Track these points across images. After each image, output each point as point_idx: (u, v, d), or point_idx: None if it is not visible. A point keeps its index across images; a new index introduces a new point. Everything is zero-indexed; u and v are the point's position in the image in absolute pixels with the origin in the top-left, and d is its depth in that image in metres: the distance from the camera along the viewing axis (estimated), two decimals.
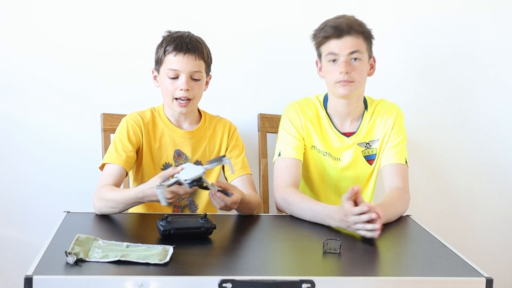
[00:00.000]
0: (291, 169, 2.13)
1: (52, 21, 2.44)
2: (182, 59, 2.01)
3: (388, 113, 2.19)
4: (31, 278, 1.40)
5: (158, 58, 2.07)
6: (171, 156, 2.11)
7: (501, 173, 2.72)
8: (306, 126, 2.17)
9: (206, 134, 2.15)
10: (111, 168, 2.01)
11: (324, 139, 2.18)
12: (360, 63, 2.08)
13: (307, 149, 2.19)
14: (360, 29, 2.08)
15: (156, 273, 1.47)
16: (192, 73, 2.03)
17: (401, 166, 2.15)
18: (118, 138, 2.07)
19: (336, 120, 2.19)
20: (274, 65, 2.56)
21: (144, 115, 2.12)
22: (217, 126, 2.18)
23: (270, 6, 2.52)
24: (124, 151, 2.03)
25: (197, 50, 2.03)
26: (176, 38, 2.04)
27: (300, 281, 1.45)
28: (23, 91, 2.46)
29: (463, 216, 2.73)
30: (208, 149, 2.15)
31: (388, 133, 2.17)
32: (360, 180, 2.22)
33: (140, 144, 2.09)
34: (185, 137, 2.12)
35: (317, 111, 2.19)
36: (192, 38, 2.05)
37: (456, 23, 2.62)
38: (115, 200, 1.89)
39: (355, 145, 2.18)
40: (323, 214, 1.91)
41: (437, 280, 1.51)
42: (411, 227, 1.98)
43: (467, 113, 2.68)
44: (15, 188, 2.51)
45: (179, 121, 2.14)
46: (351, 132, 2.19)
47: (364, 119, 2.19)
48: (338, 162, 2.19)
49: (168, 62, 2.03)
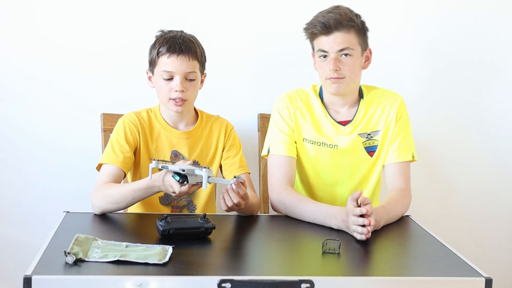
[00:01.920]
0: (284, 168, 2.10)
1: (50, 22, 2.44)
2: (175, 61, 2.00)
3: (390, 103, 2.14)
4: (30, 278, 1.40)
5: (152, 59, 2.06)
6: (168, 157, 2.11)
7: (501, 173, 2.71)
8: (296, 117, 2.14)
9: (202, 134, 2.15)
10: (108, 169, 2.00)
11: (317, 128, 2.14)
12: (350, 58, 2.04)
13: (298, 143, 2.15)
14: (349, 24, 2.02)
15: (155, 273, 1.46)
16: (187, 74, 2.02)
17: (404, 165, 2.13)
18: (115, 139, 2.06)
19: (331, 108, 2.15)
20: (274, 65, 2.56)
21: (140, 116, 2.11)
22: (213, 125, 2.18)
23: (270, 6, 2.52)
24: (121, 152, 2.03)
25: (190, 50, 2.01)
26: (168, 39, 2.02)
27: (299, 281, 1.45)
28: (22, 92, 2.47)
29: (463, 216, 2.72)
30: (205, 149, 2.15)
31: (391, 126, 2.13)
32: (358, 171, 2.16)
33: (138, 144, 2.08)
34: (181, 137, 2.12)
35: (308, 100, 2.16)
36: (185, 38, 2.03)
37: (468, 22, 2.62)
38: (120, 193, 1.89)
39: (356, 135, 2.13)
40: (325, 215, 1.90)
41: (437, 280, 1.51)
42: (410, 227, 1.97)
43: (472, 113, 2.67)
44: (14, 188, 2.51)
45: (175, 121, 2.13)
46: (347, 120, 2.14)
47: (360, 107, 2.14)
48: (335, 148, 2.13)
49: (161, 64, 2.02)
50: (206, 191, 2.14)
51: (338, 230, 1.86)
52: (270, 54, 2.56)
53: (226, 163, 2.16)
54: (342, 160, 2.15)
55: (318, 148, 2.14)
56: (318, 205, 1.95)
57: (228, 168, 2.15)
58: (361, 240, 1.76)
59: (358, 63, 2.08)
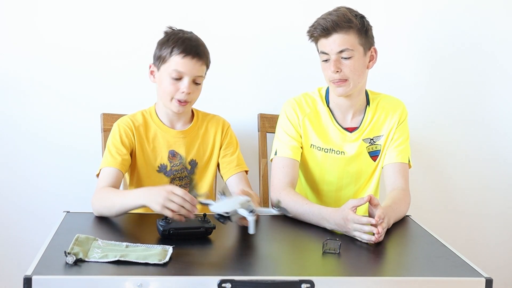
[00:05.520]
0: (287, 170, 2.11)
1: (51, 22, 2.44)
2: (189, 63, 2.00)
3: (393, 109, 2.17)
4: (30, 278, 1.40)
5: (162, 56, 2.03)
6: (166, 157, 2.11)
7: (502, 172, 2.71)
8: (304, 124, 2.16)
9: (199, 133, 2.15)
10: (107, 171, 2.01)
11: (324, 134, 2.16)
12: (351, 59, 2.04)
13: (305, 149, 2.17)
14: (347, 24, 2.02)
15: (155, 273, 1.47)
16: (195, 77, 2.03)
17: (403, 165, 2.14)
18: (112, 143, 2.07)
19: (338, 114, 2.17)
20: (274, 65, 2.56)
21: (135, 119, 2.12)
22: (209, 124, 2.18)
23: (270, 6, 2.52)
24: (118, 154, 2.03)
25: (204, 55, 2.03)
26: (184, 39, 2.02)
27: (300, 281, 1.45)
28: (22, 92, 2.46)
29: (463, 216, 2.72)
30: (202, 148, 2.15)
31: (393, 130, 2.15)
32: (363, 176, 2.20)
33: (133, 147, 2.09)
34: (178, 137, 2.12)
35: (316, 106, 2.17)
36: (199, 42, 2.05)
37: (465, 19, 2.61)
38: (112, 201, 1.87)
39: (361, 141, 2.16)
40: (318, 217, 1.90)
41: (437, 280, 1.51)
42: (411, 227, 1.97)
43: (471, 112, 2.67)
44: (15, 188, 2.51)
45: (172, 121, 2.13)
46: (354, 127, 2.17)
47: (367, 114, 2.16)
48: (342, 155, 2.16)
49: (173, 63, 2.01)
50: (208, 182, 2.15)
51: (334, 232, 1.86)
52: (270, 54, 2.56)
53: (223, 161, 2.16)
54: (348, 166, 2.18)
55: (325, 155, 2.17)
56: (312, 207, 1.95)
57: (226, 167, 2.15)
58: (361, 241, 1.77)
59: (361, 63, 2.07)
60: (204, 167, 2.16)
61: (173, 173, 2.11)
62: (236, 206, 1.71)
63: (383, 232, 1.76)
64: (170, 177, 2.12)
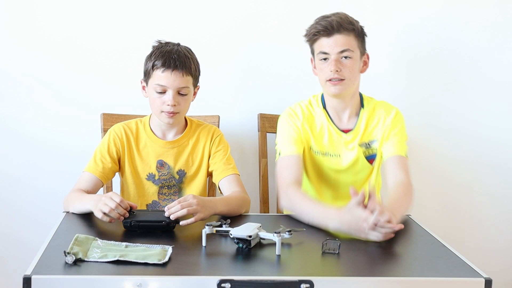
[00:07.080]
0: (291, 167, 2.11)
1: (51, 21, 2.45)
2: (169, 76, 2.01)
3: (386, 114, 2.18)
4: (29, 278, 1.40)
5: (147, 71, 2.08)
6: (154, 167, 2.13)
7: (500, 172, 2.71)
8: (304, 126, 2.17)
9: (189, 143, 2.16)
10: (86, 176, 2.08)
11: (321, 137, 2.17)
12: (351, 61, 2.09)
13: (306, 149, 2.19)
14: (350, 27, 2.08)
15: (155, 273, 1.47)
16: (179, 89, 2.04)
17: (402, 158, 2.14)
18: (99, 149, 2.12)
19: (334, 116, 2.19)
20: (274, 65, 2.56)
21: (128, 127, 2.15)
22: (201, 133, 2.18)
23: (270, 6, 2.52)
24: (101, 161, 2.09)
25: (184, 66, 2.03)
26: (164, 53, 2.03)
27: (299, 281, 1.45)
28: (22, 92, 2.47)
29: (462, 216, 2.72)
30: (191, 158, 2.16)
31: (386, 132, 2.16)
32: (360, 175, 2.21)
33: (121, 155, 2.12)
34: (167, 147, 2.13)
35: (310, 112, 2.19)
36: (181, 53, 2.04)
37: (443, 20, 2.59)
38: (73, 203, 1.97)
39: (357, 146, 2.17)
40: (321, 217, 1.88)
41: (436, 281, 1.51)
42: (410, 227, 1.97)
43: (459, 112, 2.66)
44: (14, 188, 2.51)
45: (164, 131, 2.15)
46: (349, 129, 2.18)
47: (361, 116, 2.18)
48: (338, 159, 2.17)
49: (155, 77, 2.04)
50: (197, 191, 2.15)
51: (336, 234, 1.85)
52: (270, 54, 2.56)
53: (213, 169, 2.16)
54: (345, 174, 2.20)
55: (324, 158, 2.19)
56: (315, 207, 1.93)
57: (216, 171, 2.15)
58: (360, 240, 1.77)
59: (358, 66, 2.12)
60: (193, 176, 2.16)
61: (162, 182, 2.14)
62: (255, 230, 1.70)
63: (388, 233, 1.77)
64: (158, 186, 2.14)
